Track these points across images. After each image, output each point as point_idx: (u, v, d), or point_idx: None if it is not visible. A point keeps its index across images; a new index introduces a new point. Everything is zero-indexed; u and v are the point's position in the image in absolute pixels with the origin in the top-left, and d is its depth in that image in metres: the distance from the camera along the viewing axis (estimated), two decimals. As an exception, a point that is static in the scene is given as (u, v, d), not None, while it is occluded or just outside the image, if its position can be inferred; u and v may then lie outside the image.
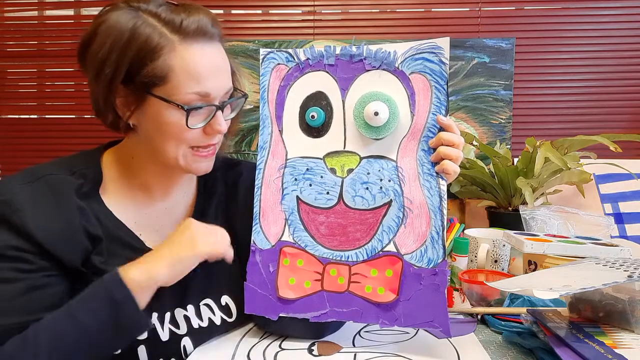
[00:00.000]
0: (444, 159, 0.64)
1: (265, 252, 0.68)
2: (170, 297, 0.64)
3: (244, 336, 0.70)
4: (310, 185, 0.69)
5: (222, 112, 0.66)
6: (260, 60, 0.77)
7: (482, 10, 1.52)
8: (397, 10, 1.54)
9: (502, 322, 0.71)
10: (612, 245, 0.85)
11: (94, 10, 1.58)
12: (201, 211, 0.73)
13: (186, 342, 0.66)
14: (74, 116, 1.60)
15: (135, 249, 0.65)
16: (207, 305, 0.68)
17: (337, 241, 0.67)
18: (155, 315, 0.63)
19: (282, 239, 0.68)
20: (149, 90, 0.59)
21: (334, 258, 0.66)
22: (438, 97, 0.65)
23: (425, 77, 0.66)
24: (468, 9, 1.53)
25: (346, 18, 1.55)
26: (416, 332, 0.71)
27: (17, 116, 1.61)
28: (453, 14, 1.54)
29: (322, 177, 0.68)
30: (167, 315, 0.65)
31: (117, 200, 0.66)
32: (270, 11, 1.55)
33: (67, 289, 0.60)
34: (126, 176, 0.68)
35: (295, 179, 0.70)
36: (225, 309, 0.70)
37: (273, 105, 0.78)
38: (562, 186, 1.28)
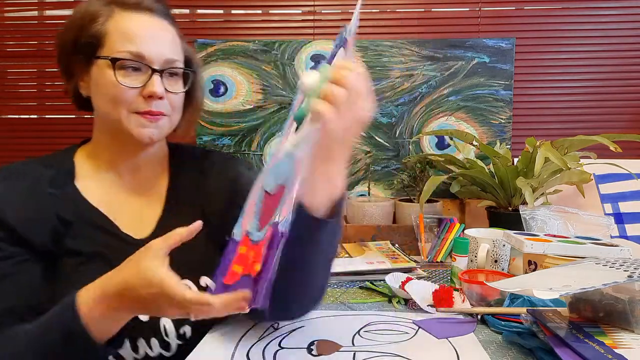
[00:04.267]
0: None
1: (232, 242, 0.64)
2: None
3: (243, 336, 0.70)
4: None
5: (162, 78, 0.67)
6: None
7: (482, 10, 1.52)
8: (397, 10, 1.54)
9: (502, 322, 0.71)
10: (612, 245, 0.85)
11: (94, 10, 1.58)
12: (175, 200, 0.75)
13: (166, 321, 0.67)
14: (74, 116, 1.60)
15: (109, 232, 0.68)
16: (186, 285, 0.66)
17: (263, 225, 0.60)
18: None
19: (247, 229, 0.64)
20: (91, 55, 0.65)
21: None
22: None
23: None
24: (468, 9, 1.53)
25: (346, 18, 1.54)
26: (416, 332, 0.71)
27: (17, 116, 1.61)
28: (453, 14, 1.54)
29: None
30: None
31: (91, 189, 0.70)
32: (270, 11, 1.55)
33: (40, 273, 0.63)
34: (97, 162, 0.72)
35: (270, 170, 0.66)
36: (206, 289, 0.66)
37: None
38: (562, 186, 1.28)
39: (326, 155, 0.56)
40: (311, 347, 0.66)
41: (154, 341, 0.66)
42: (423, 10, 1.54)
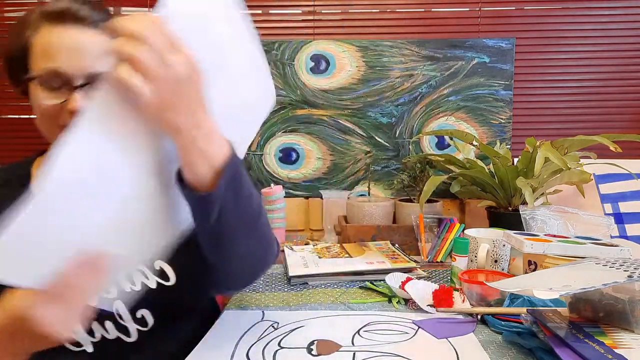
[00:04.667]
0: None
1: None
2: None
3: (243, 335, 0.71)
4: None
5: (87, 93, 0.63)
6: None
7: (482, 10, 1.52)
8: (397, 10, 1.54)
9: (502, 322, 0.71)
10: (612, 245, 0.85)
11: (94, 10, 1.58)
12: None
13: (118, 304, 0.66)
14: (73, 116, 1.60)
15: None
16: (139, 270, 0.68)
17: None
18: None
19: None
20: (25, 75, 0.64)
21: None
22: None
23: None
24: (468, 9, 1.53)
25: (346, 18, 1.55)
26: (415, 332, 0.71)
27: (17, 116, 1.61)
28: (453, 14, 1.54)
29: None
30: None
31: None
32: (270, 11, 1.55)
33: None
34: None
35: None
36: (160, 273, 0.69)
37: None
38: (562, 186, 1.28)
39: (162, 131, 0.49)
40: (311, 347, 0.66)
41: (109, 324, 0.66)
42: (423, 10, 1.54)
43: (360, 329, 0.73)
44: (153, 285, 0.68)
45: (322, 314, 0.80)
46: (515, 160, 1.27)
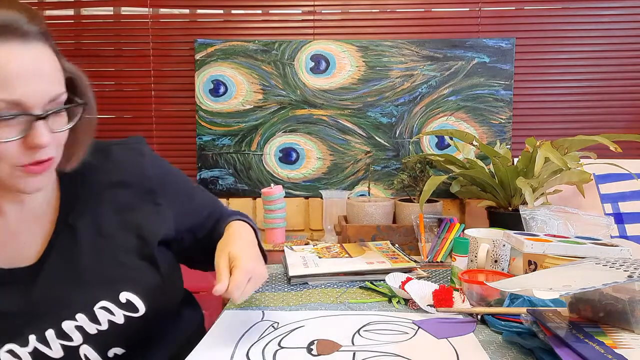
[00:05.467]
0: None
1: None
2: (52, 308, 0.60)
3: (243, 335, 0.70)
4: None
5: (48, 122, 0.55)
6: None
7: (482, 10, 1.52)
8: (397, 10, 1.54)
9: (502, 322, 0.71)
10: (612, 245, 0.85)
11: (94, 10, 1.58)
12: (69, 211, 0.65)
13: (86, 350, 0.61)
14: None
15: None
16: (104, 307, 0.62)
17: None
18: (33, 337, 0.58)
19: None
20: None
21: None
22: None
23: None
24: (468, 9, 1.53)
25: (346, 18, 1.55)
26: (416, 332, 0.71)
27: None
28: (453, 14, 1.54)
29: None
30: (50, 332, 0.59)
31: None
32: (270, 11, 1.55)
33: None
34: None
35: None
36: (128, 306, 0.64)
37: None
38: (562, 186, 1.28)
39: None
40: (311, 346, 0.66)
41: None
42: (423, 10, 1.54)
43: (360, 328, 0.73)
44: (121, 321, 0.63)
45: (322, 314, 0.80)
46: (515, 160, 1.27)
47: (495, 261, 1.00)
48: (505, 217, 1.21)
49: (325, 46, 1.53)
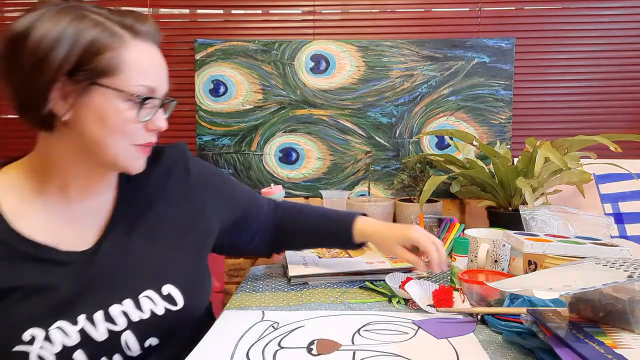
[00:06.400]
0: None
1: None
2: (102, 292, 0.64)
3: (243, 335, 0.70)
4: None
5: (164, 110, 0.68)
6: None
7: (482, 10, 1.52)
8: (397, 10, 1.54)
9: (502, 322, 0.71)
10: (612, 245, 0.85)
11: (94, 10, 1.58)
12: (124, 205, 0.71)
13: (128, 336, 0.64)
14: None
15: (47, 260, 0.62)
16: (147, 297, 0.66)
17: None
18: (82, 317, 0.61)
19: None
20: (96, 81, 0.59)
21: None
22: None
23: None
24: (468, 9, 1.53)
25: (346, 18, 1.55)
26: (416, 332, 0.71)
27: (17, 116, 1.61)
28: (453, 14, 1.54)
29: None
30: (99, 314, 0.63)
31: (23, 215, 0.63)
32: (270, 11, 1.55)
33: None
34: (39, 185, 0.65)
35: None
36: (169, 298, 0.68)
37: None
38: (562, 186, 1.29)
39: None
40: (311, 346, 0.66)
41: (117, 357, 0.64)
42: (423, 10, 1.54)
43: (360, 328, 0.73)
44: (161, 312, 0.67)
45: (322, 313, 0.80)
46: (515, 160, 1.27)
47: (495, 261, 1.00)
48: (505, 217, 1.21)
49: (325, 46, 1.53)
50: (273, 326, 0.74)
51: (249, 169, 1.57)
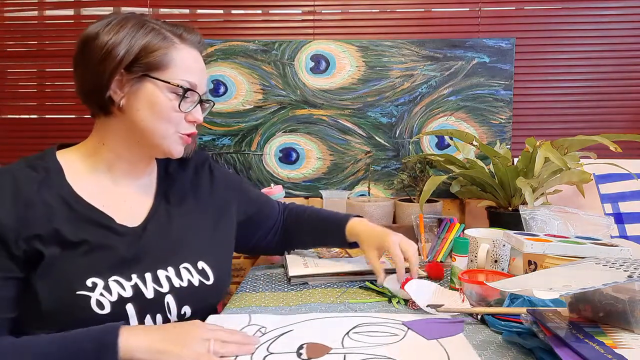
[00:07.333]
0: None
1: None
2: (150, 259, 0.74)
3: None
4: None
5: (202, 106, 0.80)
6: None
7: (482, 10, 1.52)
8: (397, 10, 1.54)
9: (502, 322, 0.71)
10: (612, 245, 0.85)
11: (94, 10, 1.58)
12: (163, 193, 0.83)
13: (169, 299, 0.74)
14: (74, 116, 1.60)
15: (105, 225, 0.73)
16: (186, 268, 0.77)
17: None
18: (134, 275, 0.72)
19: None
20: (148, 74, 0.72)
21: None
22: None
23: None
24: (468, 9, 1.53)
25: (346, 18, 1.55)
26: (405, 334, 0.71)
27: (17, 116, 1.61)
28: (453, 14, 1.54)
29: None
30: (148, 275, 0.73)
31: (85, 187, 0.74)
32: (270, 11, 1.55)
33: (22, 287, 0.67)
34: (92, 163, 0.77)
35: None
36: (202, 273, 0.79)
37: None
38: (562, 186, 1.28)
39: None
40: (300, 350, 0.65)
41: (159, 317, 0.73)
42: (423, 10, 1.54)
43: (350, 330, 0.71)
44: (196, 283, 0.77)
45: (310, 317, 0.78)
46: (515, 160, 1.27)
47: (495, 261, 1.00)
48: (505, 217, 1.21)
49: (325, 46, 1.53)
50: (261, 331, 0.72)
51: (249, 169, 1.57)
